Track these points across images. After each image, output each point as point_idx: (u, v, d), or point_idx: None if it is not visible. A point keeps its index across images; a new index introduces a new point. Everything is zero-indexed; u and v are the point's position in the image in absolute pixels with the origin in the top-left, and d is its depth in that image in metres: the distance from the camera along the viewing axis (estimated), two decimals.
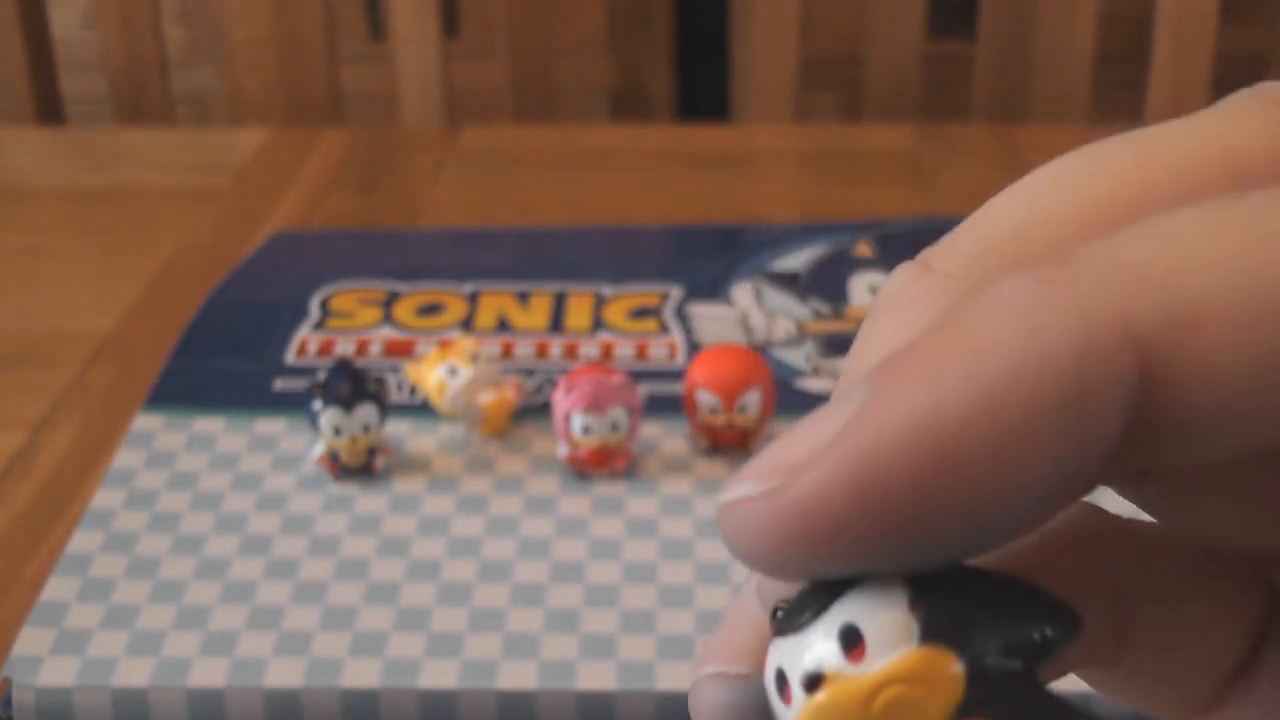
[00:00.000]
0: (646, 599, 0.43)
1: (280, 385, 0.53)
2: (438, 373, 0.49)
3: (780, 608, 0.16)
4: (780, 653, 0.15)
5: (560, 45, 0.94)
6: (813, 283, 0.59)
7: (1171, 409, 0.14)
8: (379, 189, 0.74)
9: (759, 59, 0.91)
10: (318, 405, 0.47)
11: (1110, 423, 0.14)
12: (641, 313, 0.57)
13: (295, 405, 0.51)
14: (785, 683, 0.15)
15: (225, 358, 0.55)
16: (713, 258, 0.61)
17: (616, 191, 0.73)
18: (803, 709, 0.15)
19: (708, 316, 0.57)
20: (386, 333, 0.56)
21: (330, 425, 0.47)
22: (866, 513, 0.14)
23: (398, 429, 0.50)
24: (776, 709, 0.15)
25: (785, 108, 0.91)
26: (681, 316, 0.57)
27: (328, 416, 0.47)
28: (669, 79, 1.48)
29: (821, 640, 0.15)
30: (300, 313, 0.58)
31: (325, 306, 0.58)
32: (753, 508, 0.15)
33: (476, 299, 0.58)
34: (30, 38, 0.91)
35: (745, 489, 0.15)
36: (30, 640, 0.41)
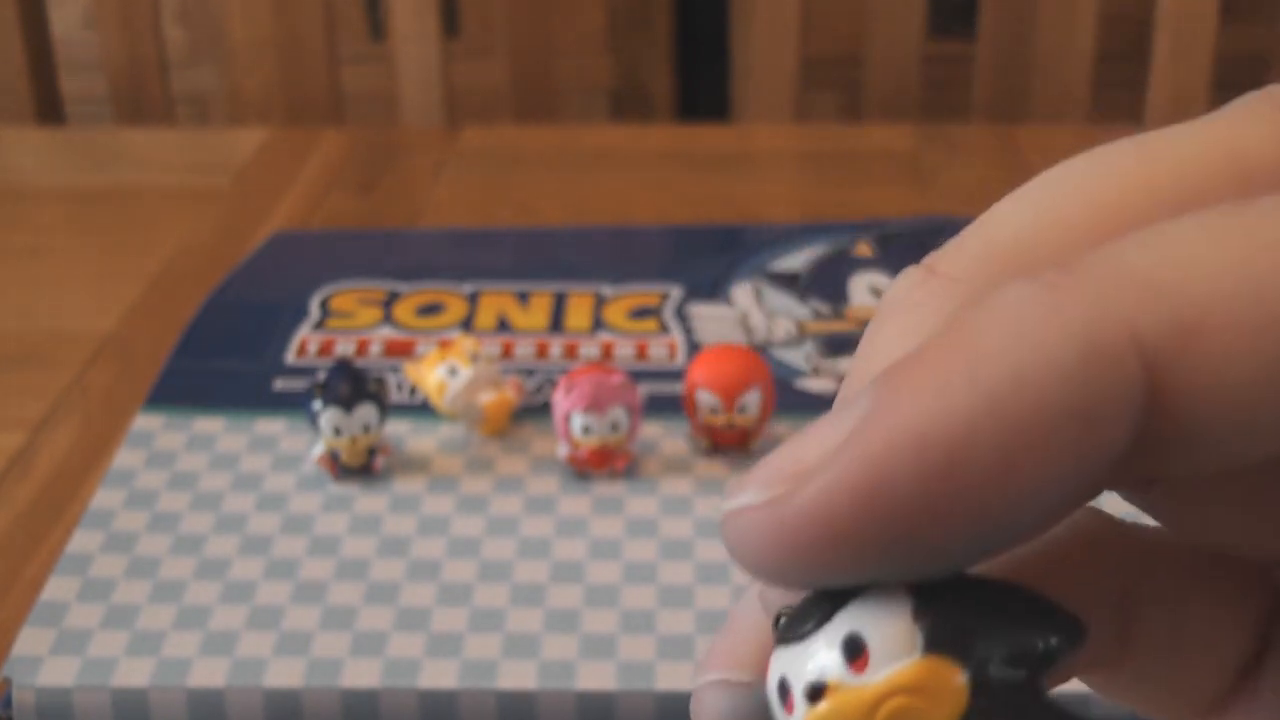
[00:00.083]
0: (646, 599, 0.43)
1: (280, 385, 0.53)
2: (438, 373, 0.49)
3: (783, 615, 0.16)
4: (783, 661, 0.15)
5: (560, 45, 0.94)
6: (813, 283, 0.59)
7: (1178, 416, 0.14)
8: (379, 189, 0.74)
9: (759, 59, 0.91)
10: (318, 405, 0.47)
11: (1116, 430, 0.14)
12: (641, 313, 0.57)
13: (295, 405, 0.51)
14: (788, 692, 0.15)
15: (225, 358, 0.55)
16: (713, 258, 0.61)
17: (616, 191, 0.73)
18: (805, 719, 0.15)
19: (708, 316, 0.57)
20: (386, 333, 0.56)
21: (330, 425, 0.47)
22: (871, 521, 0.14)
23: (398, 429, 0.50)
24: (778, 718, 0.15)
25: (785, 108, 0.91)
26: (681, 316, 0.57)
27: (328, 416, 0.47)
28: (669, 79, 1.48)
29: (824, 650, 0.15)
30: (300, 313, 0.58)
31: (325, 306, 0.58)
32: (756, 516, 0.15)
33: (476, 299, 0.58)
34: (30, 38, 0.91)
35: (748, 497, 0.15)
36: (30, 640, 0.41)
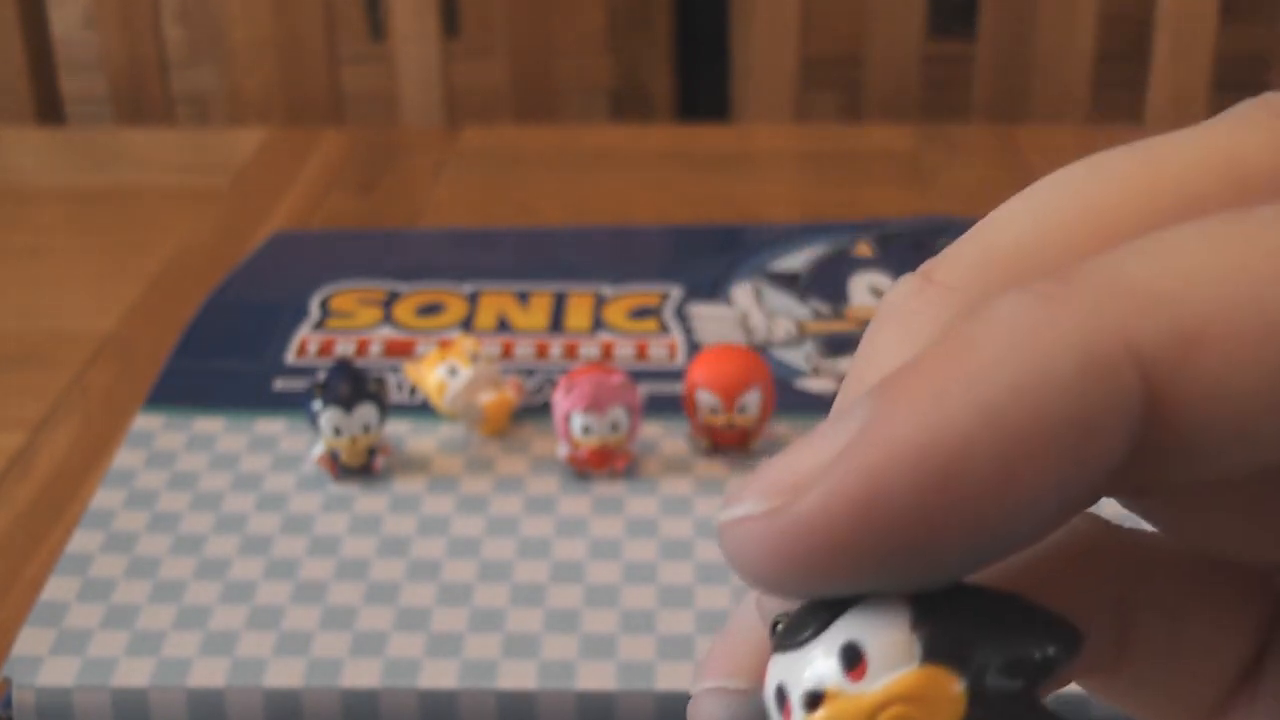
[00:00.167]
0: (646, 599, 0.43)
1: (280, 385, 0.53)
2: (438, 373, 0.49)
3: (780, 621, 0.16)
4: (780, 667, 0.15)
5: (560, 45, 0.94)
6: (813, 283, 0.59)
7: (1176, 426, 0.14)
8: (379, 189, 0.74)
9: (759, 59, 0.91)
10: (318, 405, 0.47)
11: (1114, 440, 0.14)
12: (641, 313, 0.57)
13: (295, 405, 0.51)
14: (785, 698, 0.15)
15: (225, 358, 0.55)
16: (713, 258, 0.61)
17: (616, 191, 0.73)
18: None
19: (708, 316, 0.57)
20: (386, 333, 0.56)
21: (330, 425, 0.47)
22: (869, 532, 0.14)
23: (398, 429, 0.50)
24: None
25: (785, 108, 0.91)
26: (681, 316, 0.57)
27: (328, 416, 0.47)
28: (669, 79, 1.48)
29: (822, 658, 0.15)
30: (300, 313, 0.58)
31: (325, 306, 0.58)
32: (754, 526, 0.15)
33: (476, 299, 0.58)
34: (30, 38, 0.91)
35: (746, 507, 0.15)
36: (30, 640, 0.41)
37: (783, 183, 0.74)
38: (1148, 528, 0.18)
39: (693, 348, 0.55)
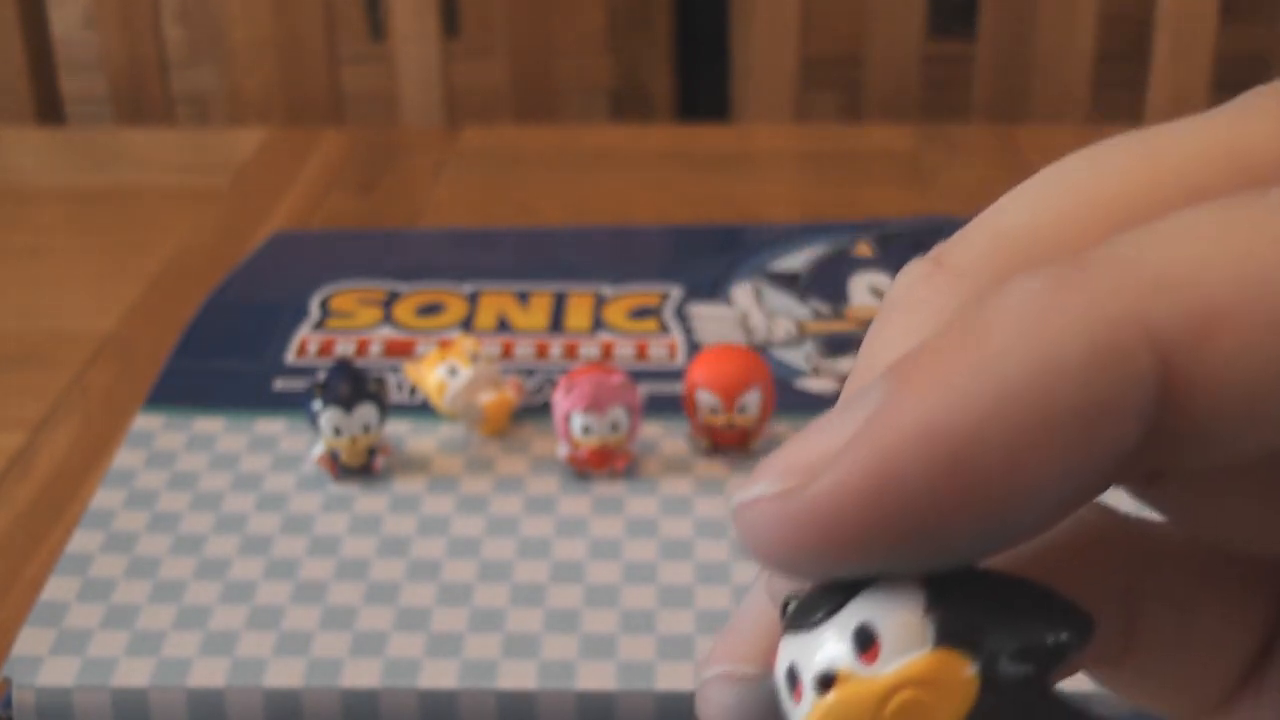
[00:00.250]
0: (646, 599, 0.43)
1: (280, 385, 0.53)
2: (438, 373, 0.49)
3: (791, 602, 0.16)
4: (791, 649, 0.15)
5: (560, 45, 0.94)
6: (813, 283, 0.59)
7: (1190, 411, 0.14)
8: (379, 189, 0.74)
9: (759, 59, 0.91)
10: (318, 405, 0.47)
11: (1126, 425, 0.14)
12: (641, 313, 0.57)
13: (295, 405, 0.51)
14: (796, 680, 0.15)
15: (225, 358, 0.55)
16: (713, 258, 0.61)
17: (616, 191, 0.73)
18: (813, 708, 0.15)
19: (708, 316, 0.57)
20: (386, 333, 0.56)
21: (330, 425, 0.47)
22: (882, 515, 0.14)
23: (398, 429, 0.50)
24: (786, 706, 0.15)
25: (785, 108, 0.91)
26: (681, 316, 0.57)
27: (328, 416, 0.47)
28: (669, 79, 1.48)
29: (835, 639, 0.15)
30: (300, 313, 0.58)
31: (325, 306, 0.58)
32: (769, 507, 0.15)
33: (476, 299, 0.58)
34: (30, 38, 0.91)
35: (761, 488, 0.15)
36: (30, 640, 0.41)
37: (783, 183, 0.74)
38: (1156, 518, 0.18)
39: (693, 348, 0.55)
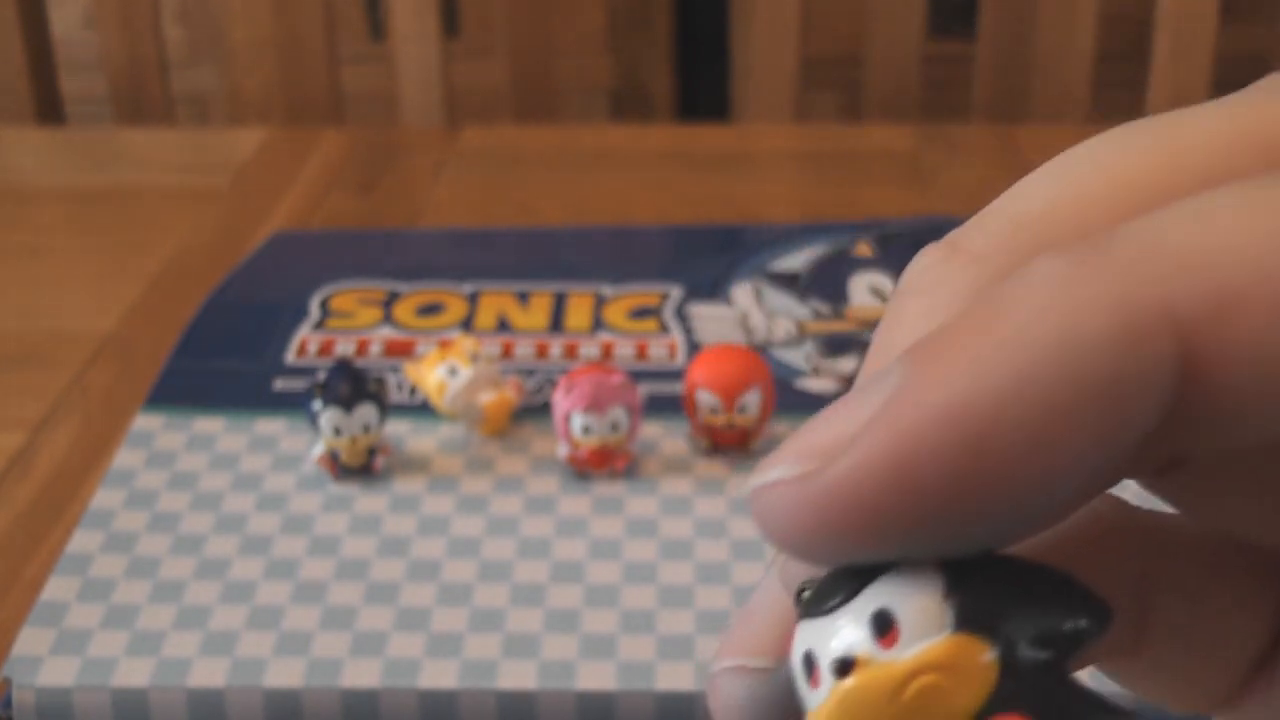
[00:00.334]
0: (646, 599, 0.43)
1: (280, 385, 0.53)
2: (438, 373, 0.49)
3: (806, 588, 0.16)
4: (808, 635, 0.15)
5: (560, 45, 0.94)
6: (813, 283, 0.59)
7: (1211, 393, 0.14)
8: (379, 189, 0.74)
9: (759, 59, 0.91)
10: (318, 405, 0.47)
11: (1148, 407, 0.14)
12: (641, 313, 0.57)
13: (295, 405, 0.51)
14: (813, 665, 0.15)
15: (225, 358, 0.55)
16: (713, 258, 0.61)
17: (616, 191, 0.73)
18: (831, 694, 0.15)
19: (708, 316, 0.57)
20: (386, 333, 0.56)
21: (330, 425, 0.47)
22: (901, 498, 0.14)
23: (398, 429, 0.50)
24: (802, 692, 0.15)
25: (785, 108, 0.91)
26: (681, 316, 0.57)
27: (328, 416, 0.47)
28: (669, 79, 1.48)
29: (853, 624, 0.15)
30: (300, 313, 0.58)
31: (325, 306, 0.58)
32: (787, 491, 0.15)
33: (476, 299, 0.58)
34: (30, 38, 0.91)
35: (779, 472, 0.15)
36: (30, 640, 0.41)
37: (783, 183, 0.74)
38: (1168, 510, 0.18)
39: (693, 348, 0.55)
